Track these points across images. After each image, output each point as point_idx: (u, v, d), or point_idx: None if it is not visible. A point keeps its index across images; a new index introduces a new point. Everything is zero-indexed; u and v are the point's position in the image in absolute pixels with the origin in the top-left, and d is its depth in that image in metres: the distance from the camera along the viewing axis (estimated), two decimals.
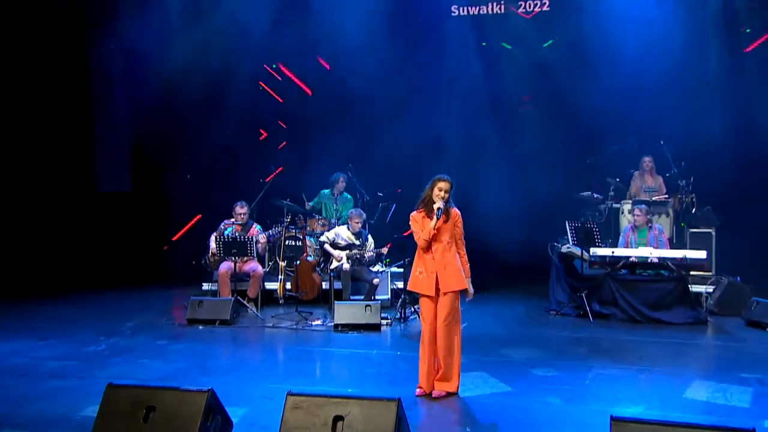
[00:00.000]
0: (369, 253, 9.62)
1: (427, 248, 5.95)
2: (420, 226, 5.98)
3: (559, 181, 11.43)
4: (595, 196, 10.98)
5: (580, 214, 10.73)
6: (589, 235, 9.31)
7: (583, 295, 9.22)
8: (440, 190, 5.87)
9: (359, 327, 8.43)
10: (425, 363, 6.02)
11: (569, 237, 9.56)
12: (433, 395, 5.98)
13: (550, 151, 11.80)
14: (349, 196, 11.46)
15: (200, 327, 8.65)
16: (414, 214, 6.03)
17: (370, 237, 9.89)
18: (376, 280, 9.47)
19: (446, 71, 12.15)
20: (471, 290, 6.06)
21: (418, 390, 6.05)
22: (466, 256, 6.08)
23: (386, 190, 11.33)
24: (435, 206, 5.87)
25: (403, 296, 9.06)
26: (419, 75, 12.14)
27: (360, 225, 9.75)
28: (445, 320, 5.92)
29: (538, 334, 8.49)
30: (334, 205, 11.30)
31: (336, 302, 8.76)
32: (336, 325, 8.49)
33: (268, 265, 10.78)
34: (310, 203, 11.35)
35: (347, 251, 9.71)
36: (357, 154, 11.64)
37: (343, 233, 9.87)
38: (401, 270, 9.48)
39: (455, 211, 6.00)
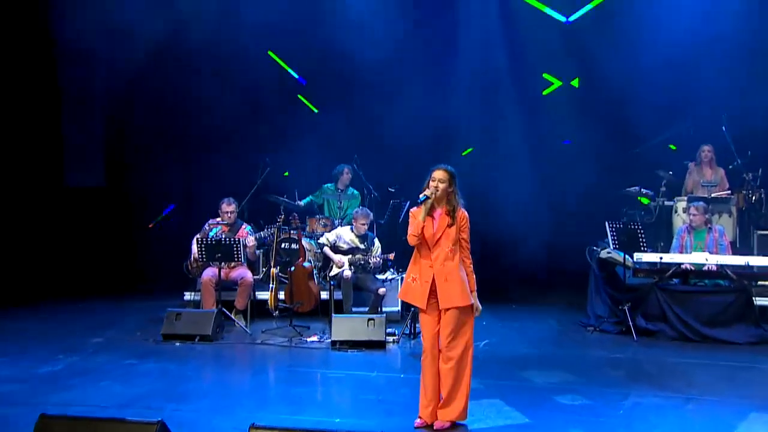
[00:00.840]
0: (374, 259, 9.53)
1: (424, 252, 5.86)
2: (419, 223, 5.89)
3: (597, 174, 11.33)
4: (644, 191, 10.80)
5: (622, 214, 10.54)
6: (633, 238, 9.15)
7: (626, 308, 9.09)
8: (433, 180, 5.83)
9: (360, 344, 8.36)
10: (426, 389, 5.91)
11: (609, 240, 9.41)
12: (434, 427, 5.86)
13: (585, 138, 11.66)
14: (356, 192, 11.39)
15: (177, 344, 8.62)
16: (414, 210, 5.97)
17: (376, 240, 9.81)
18: (382, 290, 9.38)
19: (463, 48, 12.04)
20: (478, 305, 5.92)
21: (417, 421, 5.93)
22: (471, 266, 5.96)
23: (399, 184, 11.29)
24: (421, 195, 5.83)
25: (413, 308, 8.96)
26: (432, 53, 12.07)
27: (366, 227, 9.68)
28: (448, 339, 5.81)
29: (569, 355, 8.36)
30: (338, 202, 11.24)
31: (334, 315, 8.68)
32: (333, 342, 8.42)
33: (261, 271, 10.75)
34: (303, 201, 11.32)
35: (350, 256, 9.63)
36: (363, 143, 11.65)
37: (345, 235, 9.79)
38: None
39: (462, 213, 5.90)
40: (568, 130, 11.89)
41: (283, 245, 10.62)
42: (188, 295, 10.20)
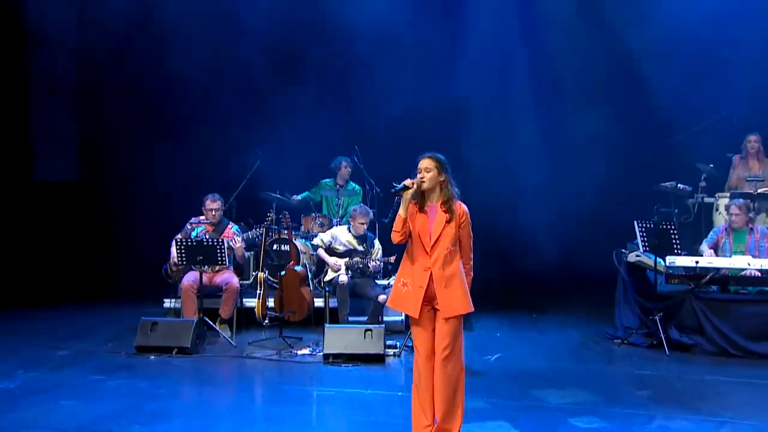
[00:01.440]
0: (374, 263, 9.45)
1: (418, 253, 5.73)
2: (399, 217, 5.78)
3: (625, 167, 11.33)
4: (681, 187, 10.63)
5: (653, 212, 10.37)
6: (665, 240, 9.02)
7: (657, 318, 8.97)
8: (419, 171, 5.73)
9: (356, 358, 8.29)
10: (419, 409, 5.81)
11: (639, 242, 9.28)
12: None
13: (610, 126, 11.60)
14: (357, 188, 11.33)
15: (152, 357, 8.60)
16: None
17: (377, 242, 9.74)
18: (382, 297, 9.28)
19: (474, 27, 11.98)
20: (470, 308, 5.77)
21: None
22: (471, 265, 5.87)
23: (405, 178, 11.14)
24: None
25: None
26: (442, 33, 12.05)
27: (365, 226, 9.60)
28: (446, 352, 5.67)
29: (589, 371, 8.23)
30: (337, 199, 11.17)
31: (327, 326, 8.62)
32: (326, 356, 8.37)
33: (252, 276, 10.68)
34: (297, 197, 11.28)
35: (346, 259, 9.54)
36: (364, 132, 11.65)
37: (341, 236, 9.73)
38: None
39: (460, 208, 5.77)
40: (591, 119, 11.80)
41: (273, 247, 10.58)
42: (168, 303, 10.20)
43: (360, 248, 9.60)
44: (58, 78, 12.52)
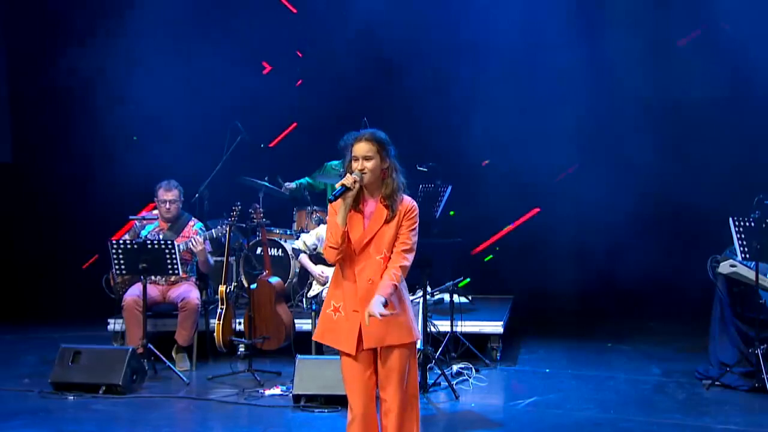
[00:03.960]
0: None
1: (347, 266, 5.53)
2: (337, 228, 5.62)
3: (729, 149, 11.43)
4: None
5: (755, 205, 9.64)
6: None
7: (759, 351, 8.53)
8: (355, 159, 5.50)
9: (334, 401, 7.96)
10: None
11: (736, 247, 8.77)
12: None
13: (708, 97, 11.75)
14: None
15: (71, 397, 8.48)
16: (334, 203, 5.57)
17: None
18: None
19: None
20: (376, 310, 5.27)
21: None
22: (399, 264, 5.50)
23: (432, 162, 11.43)
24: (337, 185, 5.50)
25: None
26: None
27: None
28: (395, 396, 5.50)
29: (659, 425, 7.79)
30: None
31: (299, 357, 8.34)
32: (296, 397, 8.15)
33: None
34: (291, 185, 11.23)
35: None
36: (378, 101, 11.92)
37: None
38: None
39: (406, 204, 5.57)
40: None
41: (257, 251, 10.39)
42: (113, 324, 10.19)
43: None
44: None
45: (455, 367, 9.22)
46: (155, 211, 9.84)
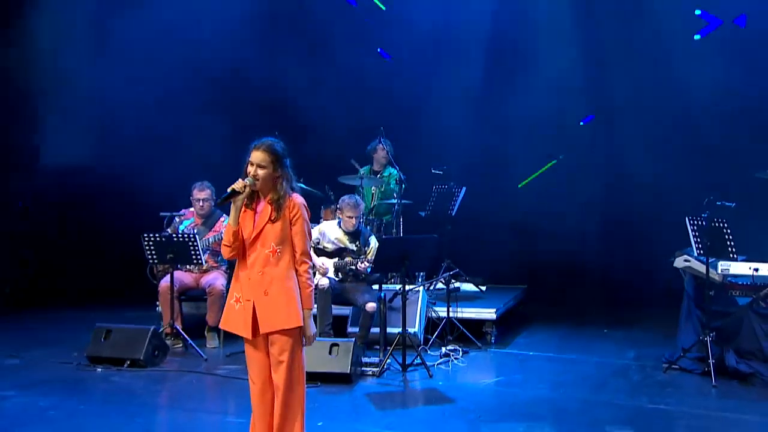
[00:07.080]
0: (362, 264, 9.52)
1: (241, 260, 5.84)
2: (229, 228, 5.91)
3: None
4: None
5: (705, 205, 9.73)
6: (718, 240, 8.67)
7: (708, 339, 8.76)
8: (251, 164, 5.74)
9: (317, 377, 8.32)
10: None
11: (692, 243, 9.02)
12: None
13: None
14: (393, 172, 11.42)
15: (99, 369, 9.09)
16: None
17: (373, 239, 9.77)
18: (370, 305, 9.40)
19: None
20: (310, 332, 5.83)
21: None
22: (307, 275, 5.84)
23: (447, 165, 11.47)
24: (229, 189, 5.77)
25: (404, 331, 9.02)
26: None
27: (354, 221, 9.66)
28: (281, 377, 5.81)
29: (599, 404, 8.09)
30: (372, 189, 11.44)
31: None
32: None
33: None
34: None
35: (336, 260, 9.73)
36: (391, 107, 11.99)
37: (330, 232, 9.89)
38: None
39: (293, 200, 5.82)
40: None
41: None
42: (159, 307, 10.60)
43: (351, 246, 9.69)
44: None
45: (443, 349, 9.51)
46: (192, 208, 10.36)
